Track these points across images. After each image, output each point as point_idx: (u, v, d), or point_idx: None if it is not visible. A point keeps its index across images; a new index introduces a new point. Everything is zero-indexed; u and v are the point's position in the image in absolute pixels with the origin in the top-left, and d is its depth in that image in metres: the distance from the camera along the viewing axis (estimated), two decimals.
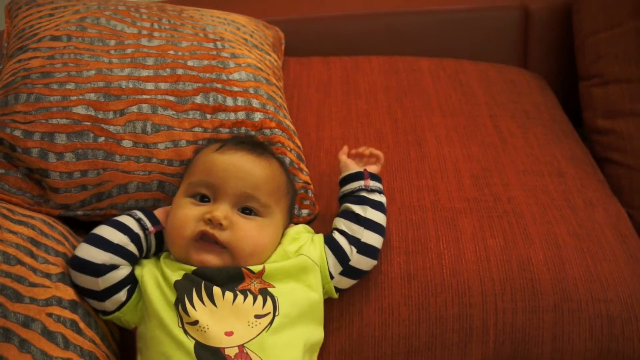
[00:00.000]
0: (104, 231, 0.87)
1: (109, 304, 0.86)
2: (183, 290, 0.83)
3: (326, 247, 0.93)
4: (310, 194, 1.05)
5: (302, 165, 1.07)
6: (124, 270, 0.87)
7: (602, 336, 0.92)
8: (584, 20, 1.38)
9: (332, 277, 0.91)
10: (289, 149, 1.05)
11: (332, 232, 0.96)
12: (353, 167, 1.01)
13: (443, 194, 1.06)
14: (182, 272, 0.85)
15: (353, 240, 0.93)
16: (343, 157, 1.04)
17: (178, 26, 1.13)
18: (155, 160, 0.98)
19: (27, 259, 0.83)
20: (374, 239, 0.94)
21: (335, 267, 0.92)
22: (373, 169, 1.02)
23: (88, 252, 0.85)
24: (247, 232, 0.87)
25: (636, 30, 1.28)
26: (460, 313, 0.93)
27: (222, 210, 0.86)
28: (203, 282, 0.83)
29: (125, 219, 0.90)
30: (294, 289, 0.87)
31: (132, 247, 0.87)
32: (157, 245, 0.91)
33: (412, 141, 1.17)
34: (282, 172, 0.95)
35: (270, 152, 0.98)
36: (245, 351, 0.79)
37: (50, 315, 0.80)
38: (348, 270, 0.92)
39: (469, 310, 0.93)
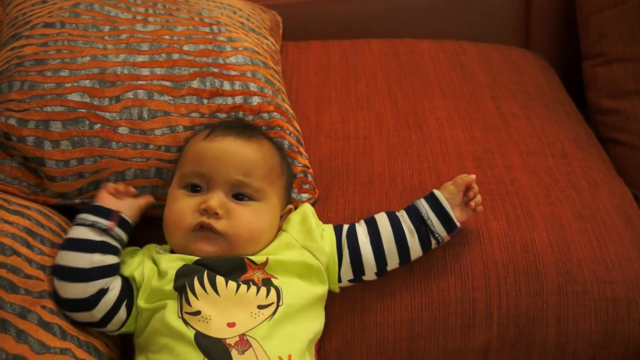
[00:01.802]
0: (69, 260, 0.82)
1: (111, 326, 0.84)
2: (184, 278, 0.81)
3: (345, 251, 0.89)
4: (309, 178, 1.04)
5: (302, 149, 1.05)
6: (115, 290, 0.83)
7: (607, 318, 0.91)
8: None
9: (340, 280, 0.90)
10: (288, 132, 1.03)
11: (365, 233, 0.90)
12: (456, 206, 0.90)
13: (445, 176, 1.04)
14: (182, 263, 0.84)
15: (380, 262, 0.89)
16: (460, 183, 0.91)
17: (173, 11, 1.12)
18: (152, 146, 0.97)
19: (23, 250, 0.82)
20: (393, 268, 0.91)
21: (346, 274, 0.90)
22: (462, 216, 0.91)
23: (70, 290, 0.81)
24: (244, 218, 0.86)
25: None
26: (463, 297, 0.92)
27: (216, 200, 0.85)
28: (206, 271, 0.82)
29: (79, 233, 0.83)
30: (298, 284, 0.86)
31: (109, 258, 0.83)
32: (126, 230, 0.87)
33: (413, 124, 1.15)
34: (275, 152, 0.94)
35: (261, 132, 0.96)
36: (245, 338, 0.78)
37: (44, 307, 0.79)
38: (357, 280, 0.91)
39: (472, 294, 0.92)
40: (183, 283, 0.81)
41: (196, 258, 0.84)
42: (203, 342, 0.77)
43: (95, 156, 0.95)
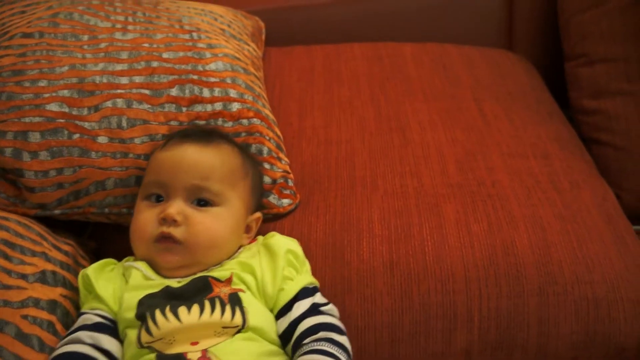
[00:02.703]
0: None
1: None
2: (145, 308, 0.80)
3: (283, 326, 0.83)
4: (290, 183, 1.04)
5: (282, 155, 1.05)
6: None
7: (588, 318, 0.91)
8: (568, 0, 1.36)
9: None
10: (267, 138, 1.03)
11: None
12: None
13: (426, 179, 1.04)
14: (146, 292, 0.82)
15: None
16: None
17: (153, 18, 1.12)
18: (132, 155, 0.97)
19: (1, 262, 0.81)
20: None
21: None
22: None
23: None
24: (202, 224, 0.85)
25: (620, 9, 1.27)
26: (444, 300, 0.91)
27: (174, 207, 0.85)
28: (169, 305, 0.80)
29: None
30: (261, 307, 0.84)
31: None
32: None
33: (395, 127, 1.15)
34: (237, 154, 0.93)
35: (221, 136, 0.95)
36: (208, 355, 0.77)
37: (25, 317, 0.79)
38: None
39: (452, 297, 0.91)
40: (144, 312, 0.80)
41: (163, 286, 0.83)
42: (164, 357, 0.77)
43: (75, 166, 0.95)
